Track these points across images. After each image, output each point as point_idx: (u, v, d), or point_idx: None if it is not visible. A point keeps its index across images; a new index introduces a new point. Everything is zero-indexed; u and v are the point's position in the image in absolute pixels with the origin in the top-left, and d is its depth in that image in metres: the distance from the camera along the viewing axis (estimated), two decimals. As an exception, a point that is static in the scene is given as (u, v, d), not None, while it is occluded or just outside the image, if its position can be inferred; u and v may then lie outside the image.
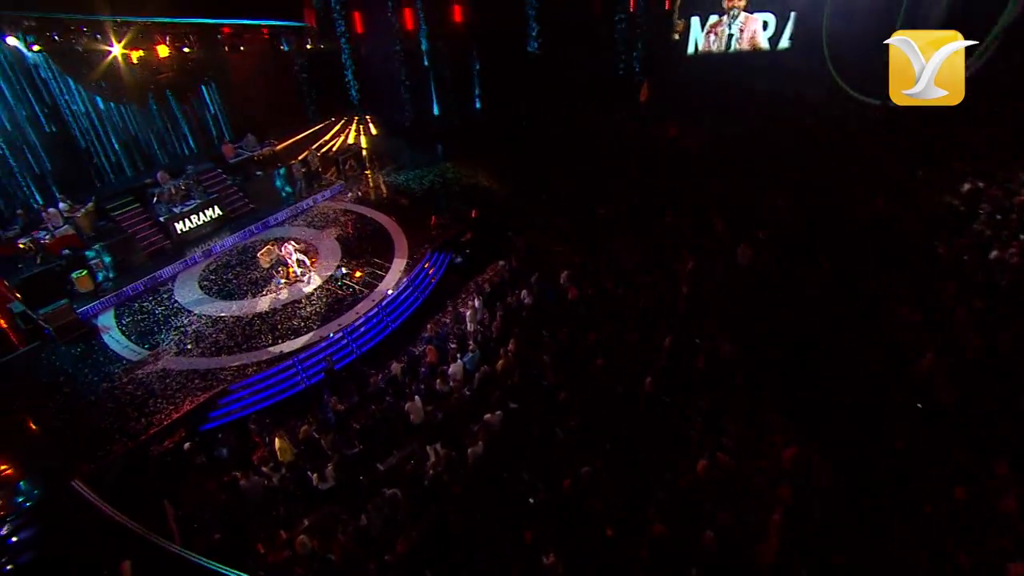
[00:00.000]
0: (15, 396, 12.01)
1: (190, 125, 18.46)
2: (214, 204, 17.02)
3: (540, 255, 15.93)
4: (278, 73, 20.39)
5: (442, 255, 16.40)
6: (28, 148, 15.75)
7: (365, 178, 20.19)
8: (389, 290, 14.56)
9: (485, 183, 19.71)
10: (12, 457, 10.67)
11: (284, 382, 12.43)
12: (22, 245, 14.04)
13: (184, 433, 11.25)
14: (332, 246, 16.49)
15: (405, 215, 17.90)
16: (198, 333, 13.38)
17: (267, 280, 15.03)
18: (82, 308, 13.99)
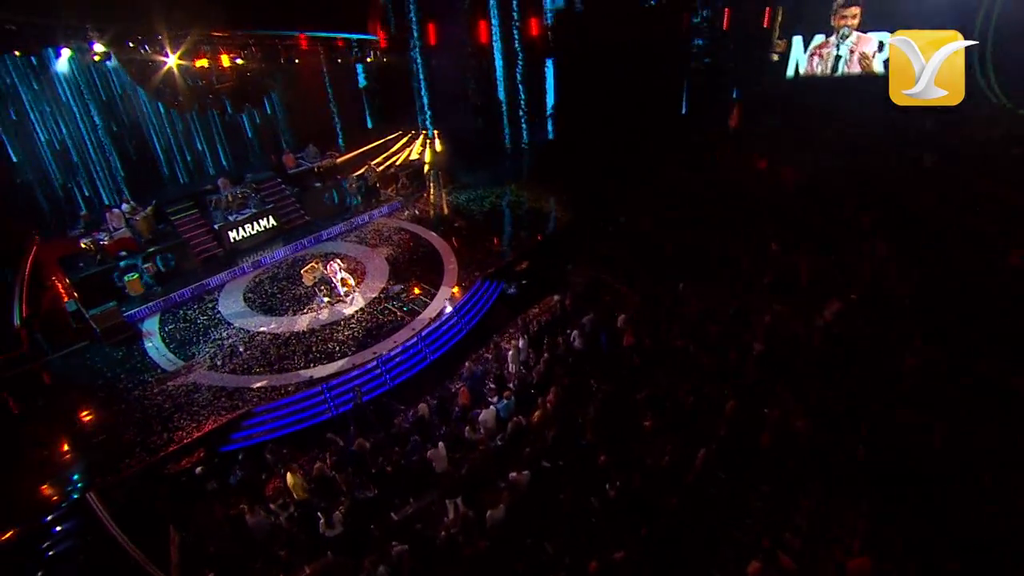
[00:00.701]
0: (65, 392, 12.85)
1: (252, 133, 19.40)
2: (269, 214, 17.65)
3: (599, 293, 15.28)
4: (344, 85, 21.09)
5: (494, 284, 16.07)
6: (95, 151, 17.17)
7: (424, 196, 20.35)
8: (430, 318, 14.38)
9: (548, 209, 19.30)
10: (72, 445, 11.43)
11: (310, 409, 12.42)
12: (84, 245, 15.08)
13: (203, 453, 11.43)
14: (381, 266, 16.58)
15: (460, 238, 17.79)
16: (233, 348, 13.70)
17: (310, 297, 15.26)
18: (130, 311, 14.76)
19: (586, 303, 14.47)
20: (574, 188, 20.02)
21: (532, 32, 21.21)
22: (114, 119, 17.12)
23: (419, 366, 13.63)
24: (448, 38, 21.66)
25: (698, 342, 12.22)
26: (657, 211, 18.49)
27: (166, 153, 18.47)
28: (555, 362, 12.25)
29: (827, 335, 12.13)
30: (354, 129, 22.07)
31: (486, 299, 15.58)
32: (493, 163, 21.96)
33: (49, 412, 12.34)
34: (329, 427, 12.10)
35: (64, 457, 11.28)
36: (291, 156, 19.23)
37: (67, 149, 16.98)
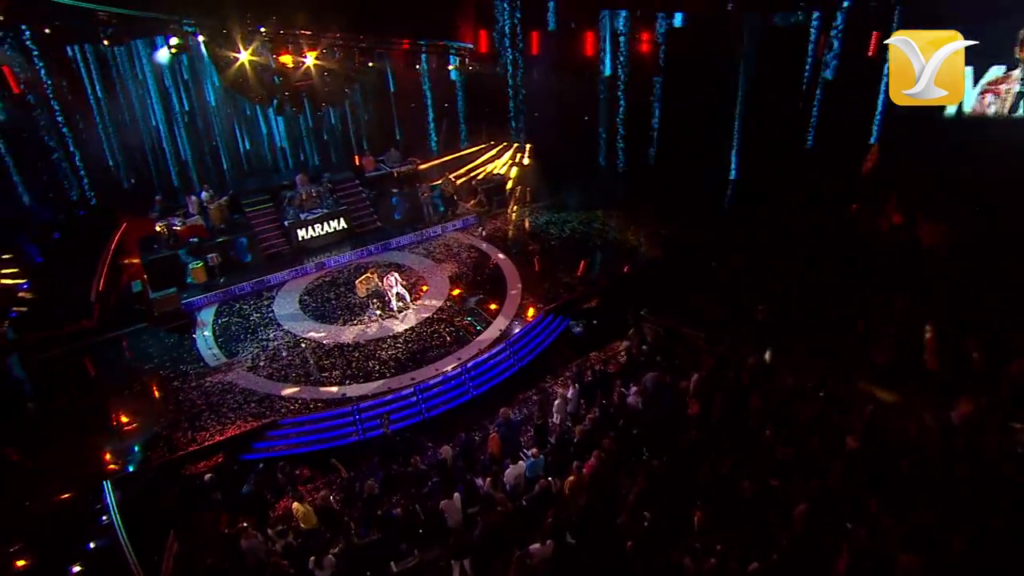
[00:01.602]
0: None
1: (335, 133, 20.16)
2: (340, 216, 18.13)
3: (673, 347, 14.08)
4: (435, 91, 21.40)
5: (558, 319, 15.37)
6: (179, 139, 18.68)
7: (503, 213, 20.08)
8: (481, 349, 13.94)
9: (635, 242, 18.32)
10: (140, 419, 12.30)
11: (338, 430, 12.34)
12: (158, 228, 16.20)
13: (223, 458, 11.63)
14: (442, 284, 16.42)
15: (531, 263, 17.29)
16: (276, 352, 14.01)
17: (363, 308, 15.34)
18: (190, 299, 15.60)
19: (655, 356, 13.37)
20: (668, 222, 18.92)
21: (642, 48, 20.43)
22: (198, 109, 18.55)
23: (459, 400, 13.22)
24: (551, 50, 21.39)
25: (778, 424, 10.76)
26: (761, 260, 16.93)
27: (249, 146, 19.74)
28: (604, 421, 11.29)
29: (950, 444, 10.22)
30: (440, 137, 22.33)
31: (546, 335, 14.92)
32: (583, 185, 21.29)
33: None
34: (353, 452, 11.97)
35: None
36: (371, 159, 19.73)
37: (156, 135, 18.61)
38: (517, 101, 21.97)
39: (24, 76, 16.66)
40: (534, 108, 22.37)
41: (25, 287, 16.07)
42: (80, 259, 16.97)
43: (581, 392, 12.24)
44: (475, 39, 20.44)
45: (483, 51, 21.51)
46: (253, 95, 14.07)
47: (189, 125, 18.89)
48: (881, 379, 12.15)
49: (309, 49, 14.48)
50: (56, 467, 11.25)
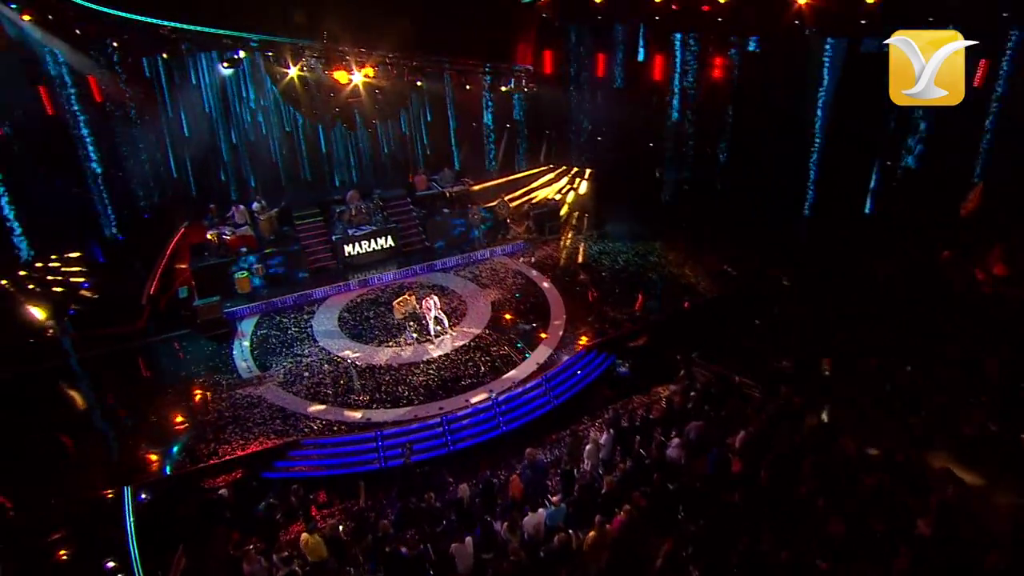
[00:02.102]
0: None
1: (389, 150, 20.60)
2: (388, 234, 18.30)
3: (724, 396, 13.21)
4: (493, 112, 21.47)
5: (602, 356, 14.79)
6: (238, 149, 19.67)
7: (555, 240, 19.75)
8: (515, 382, 13.57)
9: (692, 278, 17.53)
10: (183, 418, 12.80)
11: (359, 455, 12.21)
12: (209, 236, 16.82)
13: (242, 474, 11.70)
14: (483, 311, 16.18)
15: (580, 294, 16.85)
16: (309, 368, 14.11)
17: (401, 329, 15.30)
18: (232, 308, 16.03)
19: (703, 406, 12.56)
20: (732, 259, 18.03)
21: (713, 73, 19.79)
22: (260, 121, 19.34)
23: (488, 435, 12.85)
24: (616, 72, 21.08)
25: (836, 496, 9.76)
26: (832, 307, 15.81)
27: (304, 159, 20.46)
28: (637, 473, 10.61)
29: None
30: (497, 158, 22.37)
31: (587, 372, 14.38)
32: (642, 215, 20.70)
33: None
34: (373, 480, 11.78)
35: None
36: (424, 177, 19.90)
37: (218, 145, 19.59)
38: (579, 125, 21.70)
39: (105, 86, 17.89)
40: (597, 132, 22.05)
41: (86, 286, 17.07)
42: (139, 262, 17.92)
43: (616, 438, 11.61)
44: (536, 60, 20.41)
45: (547, 72, 21.48)
46: (304, 109, 14.47)
47: (249, 136, 19.68)
48: (966, 455, 10.92)
49: (360, 66, 14.79)
50: (90, 464, 11.76)
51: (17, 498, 11.00)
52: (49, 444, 12.23)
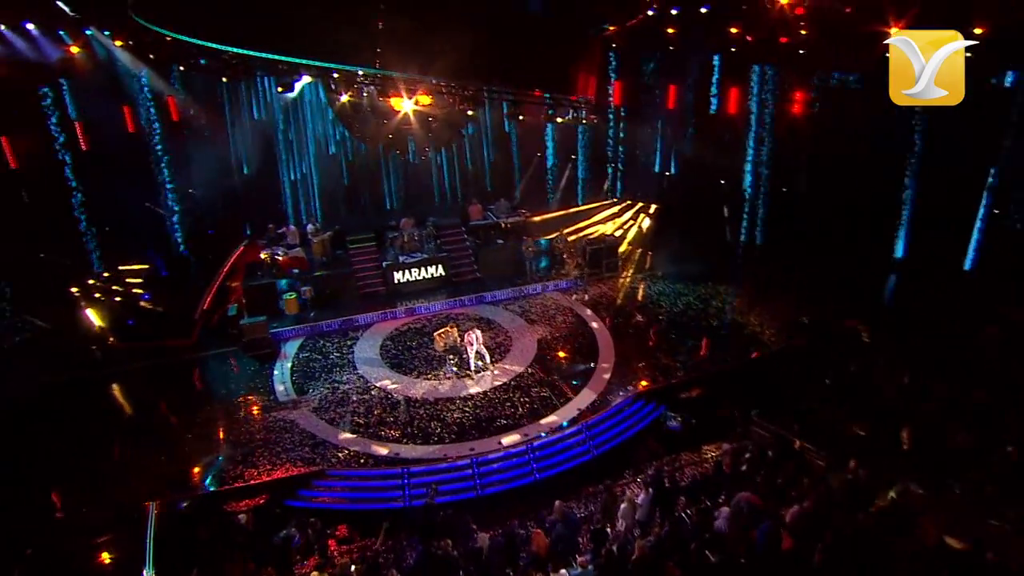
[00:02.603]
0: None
1: (448, 177, 20.86)
2: (439, 263, 18.38)
3: (782, 462, 12.23)
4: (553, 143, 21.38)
5: (650, 406, 14.08)
6: (293, 173, 20.55)
7: (611, 278, 19.24)
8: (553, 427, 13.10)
9: (758, 327, 16.56)
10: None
11: (384, 492, 12.02)
12: (263, 256, 17.40)
13: (266, 500, 11.73)
14: (528, 348, 15.84)
15: (632, 337, 16.26)
16: (344, 396, 14.16)
17: (441, 362, 15.18)
18: (278, 329, 16.43)
19: (757, 472, 11.64)
20: (806, 309, 16.95)
21: (794, 108, 18.92)
22: (316, 144, 20.13)
23: (520, 482, 12.39)
24: (688, 105, 20.59)
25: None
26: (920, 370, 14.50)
27: (361, 184, 21.05)
28: (674, 540, 9.86)
29: None
30: (557, 190, 22.23)
31: (632, 422, 13.70)
32: (709, 256, 19.89)
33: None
34: (395, 517, 11.55)
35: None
36: (479, 207, 19.95)
37: (276, 166, 20.56)
38: (646, 158, 21.24)
39: (181, 107, 19.10)
40: (665, 167, 21.53)
41: (147, 298, 18.01)
42: (198, 277, 18.77)
43: (655, 499, 10.89)
44: (599, 91, 20.24)
45: (615, 103, 21.28)
46: (358, 134, 14.84)
47: (308, 159, 20.46)
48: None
49: (411, 94, 15.07)
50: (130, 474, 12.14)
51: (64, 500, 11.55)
52: (97, 450, 12.72)
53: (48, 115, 16.79)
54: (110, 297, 17.36)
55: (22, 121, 16.34)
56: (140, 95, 18.44)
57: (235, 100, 19.28)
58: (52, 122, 16.75)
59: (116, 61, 17.21)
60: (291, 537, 10.91)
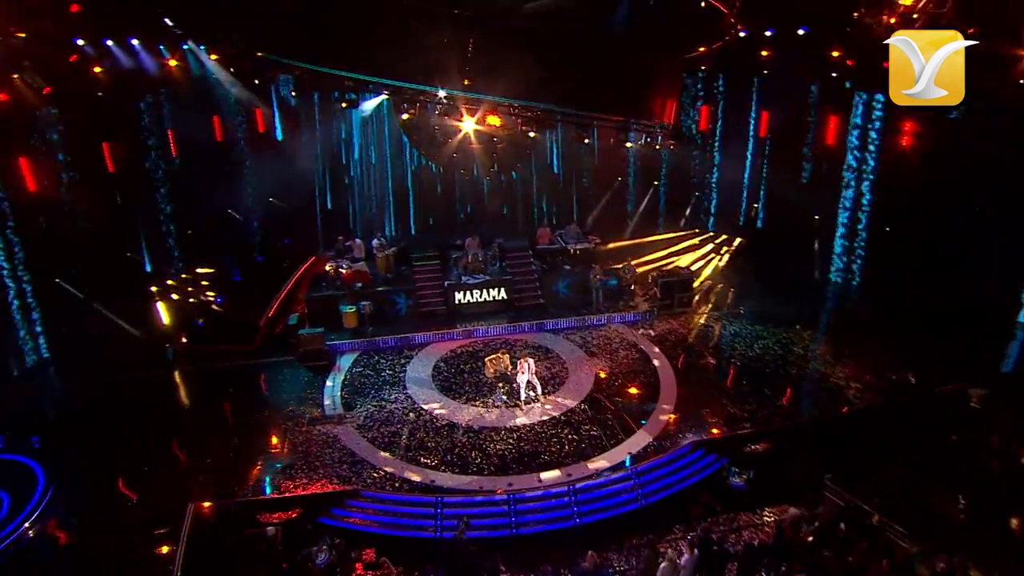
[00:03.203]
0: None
1: (520, 199, 20.86)
2: (502, 286, 18.29)
3: (854, 536, 11.06)
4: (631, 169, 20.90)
5: (710, 458, 13.21)
6: (365, 188, 21.16)
7: (685, 314, 18.42)
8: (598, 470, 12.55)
9: (843, 380, 15.25)
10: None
11: (416, 520, 11.86)
12: (328, 268, 17.94)
13: (299, 513, 11.86)
14: (584, 382, 15.34)
15: (700, 380, 15.47)
16: (390, 415, 14.22)
17: (491, 389, 14.97)
18: (336, 342, 16.82)
19: (824, 545, 10.57)
20: (904, 364, 15.52)
21: (902, 140, 17.49)
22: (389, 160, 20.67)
23: (559, 524, 11.89)
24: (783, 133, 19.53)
25: None
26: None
27: (431, 201, 21.45)
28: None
29: None
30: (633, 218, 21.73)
31: (689, 472, 12.89)
32: (794, 297, 18.68)
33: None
34: (425, 547, 11.36)
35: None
36: (548, 231, 19.77)
37: (348, 180, 21.30)
38: (732, 188, 20.29)
39: (266, 119, 20.23)
40: (753, 198, 20.47)
41: (219, 301, 19.01)
42: (268, 284, 19.63)
43: (700, 562, 10.10)
44: (678, 115, 19.58)
45: (701, 128, 20.56)
46: (424, 152, 15.10)
47: (379, 174, 21.12)
48: None
49: (471, 113, 15.19)
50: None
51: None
52: (155, 446, 13.40)
53: (143, 123, 18.22)
54: (184, 298, 18.44)
55: (120, 128, 17.76)
56: (229, 106, 19.68)
57: (313, 115, 20.14)
58: (146, 130, 18.13)
59: (209, 74, 18.45)
60: (317, 555, 11.03)
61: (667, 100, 19.33)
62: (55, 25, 13.75)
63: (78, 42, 14.92)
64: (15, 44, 13.01)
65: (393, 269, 18.62)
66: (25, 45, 13.22)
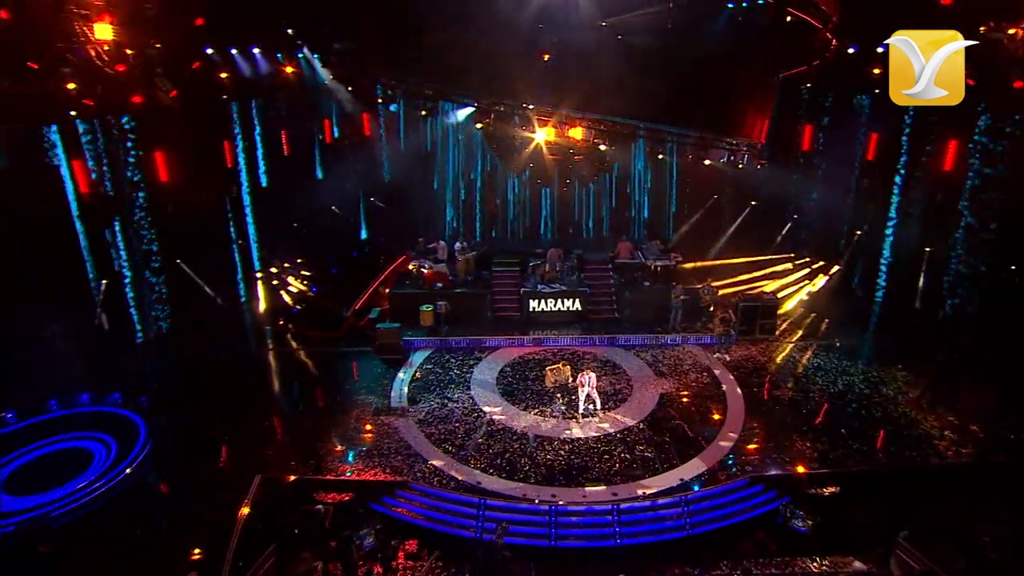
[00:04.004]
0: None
1: (604, 213, 20.57)
2: (577, 297, 18.03)
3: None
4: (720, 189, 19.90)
5: (770, 494, 12.29)
6: (454, 193, 21.72)
7: (765, 341, 17.30)
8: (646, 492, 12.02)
9: (935, 430, 13.66)
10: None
11: (459, 517, 11.90)
12: (411, 267, 18.52)
13: (351, 496, 12.28)
14: (646, 402, 14.78)
15: (771, 412, 14.47)
16: (450, 414, 14.41)
17: (551, 399, 14.79)
18: (410, 338, 17.33)
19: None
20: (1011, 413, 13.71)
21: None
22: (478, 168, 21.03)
23: (600, 542, 11.51)
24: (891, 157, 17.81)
25: None
26: None
27: (518, 210, 21.60)
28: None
29: None
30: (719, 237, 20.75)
31: (743, 507, 12.06)
32: (894, 333, 17.00)
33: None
34: (464, 546, 11.40)
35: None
36: (628, 245, 19.31)
37: (441, 185, 21.94)
38: (833, 212, 18.71)
39: (372, 125, 21.27)
40: (857, 225, 18.78)
41: (315, 291, 20.19)
42: (360, 279, 20.58)
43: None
44: (772, 134, 18.34)
45: (804, 148, 19.22)
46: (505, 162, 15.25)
47: (469, 181, 21.53)
48: None
49: (543, 124, 15.11)
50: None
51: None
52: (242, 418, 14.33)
53: (255, 124, 19.68)
54: (284, 286, 19.73)
55: (239, 127, 19.33)
56: (336, 111, 20.84)
57: (410, 123, 20.91)
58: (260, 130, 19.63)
59: (320, 81, 19.64)
60: (363, 538, 11.38)
61: (759, 118, 18.22)
62: (183, 36, 15.27)
63: (207, 51, 16.45)
64: (151, 54, 14.54)
65: (473, 272, 18.95)
66: (158, 55, 14.75)
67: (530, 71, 15.88)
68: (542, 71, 15.58)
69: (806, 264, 19.59)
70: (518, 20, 15.52)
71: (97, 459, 13.02)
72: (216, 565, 10.29)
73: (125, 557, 10.82)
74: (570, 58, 15.42)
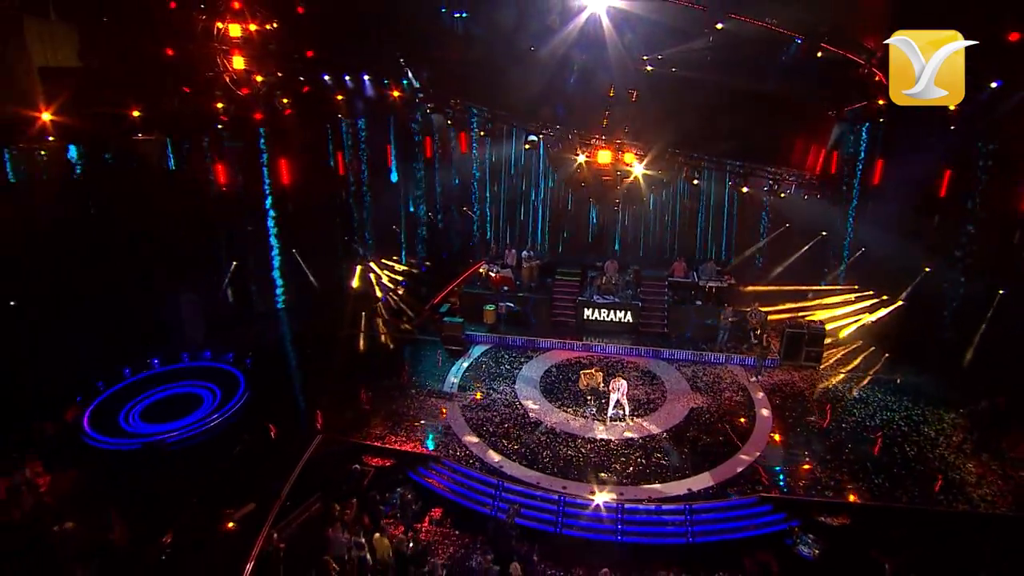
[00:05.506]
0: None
1: (666, 233, 20.29)
2: (628, 309, 17.81)
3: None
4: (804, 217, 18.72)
5: (779, 515, 11.63)
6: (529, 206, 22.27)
7: (809, 368, 16.16)
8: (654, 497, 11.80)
9: (973, 477, 12.15)
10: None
11: (478, 495, 12.35)
12: (482, 270, 19.22)
13: (392, 463, 13.07)
14: (676, 414, 14.38)
15: (797, 437, 13.59)
16: (491, 403, 14.85)
17: (584, 401, 14.80)
18: (472, 333, 17.97)
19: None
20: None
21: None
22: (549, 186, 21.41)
23: (601, 536, 11.51)
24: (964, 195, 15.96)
25: None
26: None
27: (584, 225, 21.85)
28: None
29: None
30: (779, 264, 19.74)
31: (748, 524, 11.54)
32: (946, 373, 15.30)
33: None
34: (479, 520, 11.80)
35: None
36: (683, 265, 18.79)
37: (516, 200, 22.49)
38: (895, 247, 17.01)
39: (437, 144, 22.29)
40: (923, 262, 17.00)
41: (404, 284, 21.49)
42: (443, 278, 21.59)
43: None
44: (826, 164, 16.98)
45: (874, 182, 17.70)
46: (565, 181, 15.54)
47: (540, 196, 21.96)
48: None
49: (583, 149, 15.18)
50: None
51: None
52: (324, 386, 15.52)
53: (362, 141, 21.37)
54: (379, 279, 21.20)
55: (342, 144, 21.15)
56: (436, 130, 21.98)
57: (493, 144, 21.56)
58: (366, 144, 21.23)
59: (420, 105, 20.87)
60: (396, 497, 12.13)
61: (814, 148, 16.99)
62: (299, 64, 17.14)
63: (324, 77, 18.19)
64: (271, 81, 16.38)
65: (536, 279, 19.28)
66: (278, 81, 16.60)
67: (599, 108, 16.13)
68: (617, 108, 15.73)
69: (867, 296, 18.01)
70: (591, 67, 15.92)
71: (205, 403, 14.95)
72: (270, 502, 11.46)
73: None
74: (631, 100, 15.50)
